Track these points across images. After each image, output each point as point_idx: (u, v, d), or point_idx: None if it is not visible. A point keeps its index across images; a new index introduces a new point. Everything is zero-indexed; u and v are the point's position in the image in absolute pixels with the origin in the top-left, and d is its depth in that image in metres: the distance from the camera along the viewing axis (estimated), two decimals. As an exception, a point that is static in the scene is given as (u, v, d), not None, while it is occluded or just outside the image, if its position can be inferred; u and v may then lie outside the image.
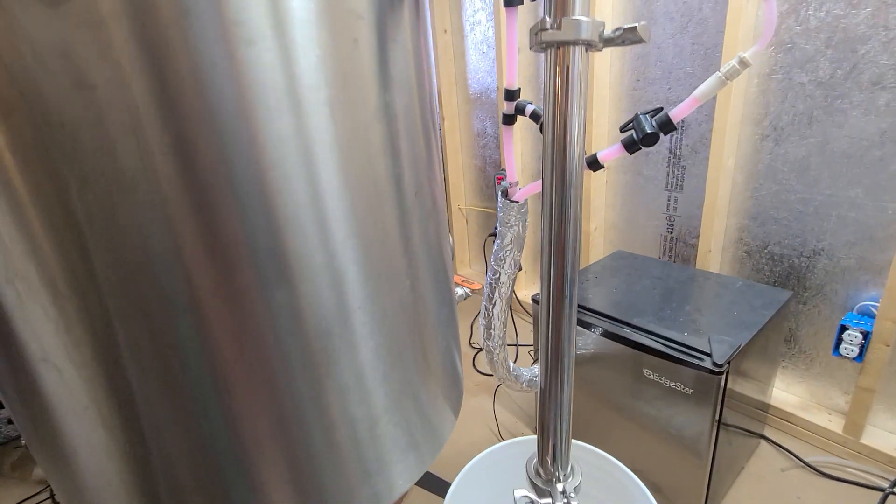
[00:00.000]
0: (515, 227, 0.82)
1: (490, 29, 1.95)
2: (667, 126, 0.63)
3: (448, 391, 0.57)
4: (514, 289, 0.94)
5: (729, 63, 0.56)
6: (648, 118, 0.64)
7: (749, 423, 1.25)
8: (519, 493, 0.54)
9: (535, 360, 1.17)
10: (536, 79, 1.82)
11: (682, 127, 1.45)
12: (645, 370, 1.08)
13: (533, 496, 0.54)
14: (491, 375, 1.79)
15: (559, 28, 0.39)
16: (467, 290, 0.93)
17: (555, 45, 0.41)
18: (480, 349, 1.95)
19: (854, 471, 1.24)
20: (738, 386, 1.07)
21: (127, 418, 0.36)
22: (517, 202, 0.79)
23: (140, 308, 0.32)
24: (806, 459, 1.28)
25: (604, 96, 1.58)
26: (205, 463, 0.38)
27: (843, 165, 1.18)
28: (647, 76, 1.48)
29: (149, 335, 0.33)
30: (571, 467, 0.57)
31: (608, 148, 0.66)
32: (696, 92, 0.60)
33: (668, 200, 1.57)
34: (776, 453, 1.33)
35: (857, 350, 1.20)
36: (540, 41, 0.40)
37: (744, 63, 0.56)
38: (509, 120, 0.73)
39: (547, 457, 0.57)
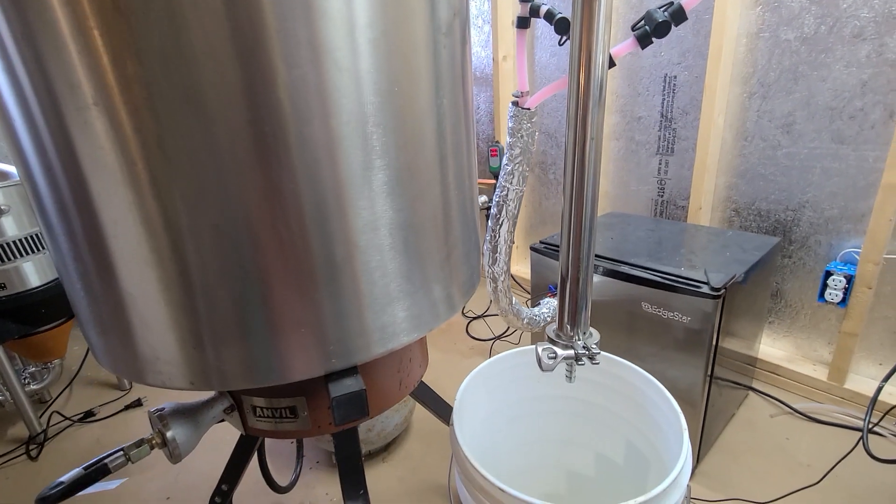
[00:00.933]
0: (525, 138, 0.84)
1: (486, 2, 2.00)
2: (678, 15, 0.65)
3: (464, 263, 0.57)
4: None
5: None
6: (660, 10, 0.67)
7: (738, 377, 1.28)
8: (542, 346, 0.55)
9: (534, 305, 1.18)
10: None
11: (674, 89, 1.51)
12: (643, 304, 1.10)
13: (556, 348, 0.54)
14: (484, 340, 1.80)
15: None
16: (484, 198, 0.94)
17: None
18: (474, 317, 1.96)
19: (839, 415, 1.28)
20: (727, 341, 1.10)
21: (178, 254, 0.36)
22: (529, 109, 0.81)
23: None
24: (794, 406, 1.32)
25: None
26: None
27: (827, 118, 1.24)
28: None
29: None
30: (590, 330, 0.58)
31: (620, 43, 0.69)
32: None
33: (660, 164, 1.61)
34: (765, 402, 1.37)
35: (841, 295, 1.25)
36: None
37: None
38: (523, 23, 0.75)
39: (566, 322, 0.58)
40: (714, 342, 1.06)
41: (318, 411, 0.56)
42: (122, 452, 0.52)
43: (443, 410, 0.93)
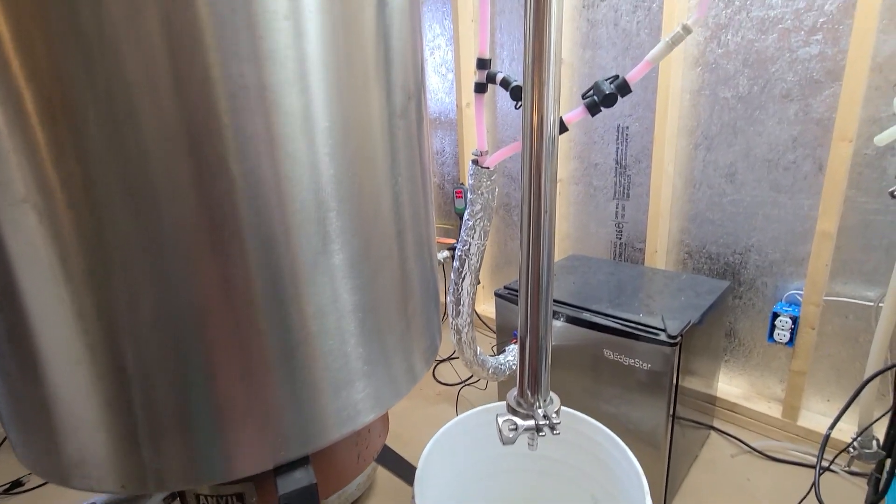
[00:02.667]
0: (486, 195, 0.86)
1: (449, 53, 2.08)
2: (623, 88, 0.70)
3: (423, 333, 0.57)
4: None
5: (674, 30, 0.65)
6: (607, 83, 0.71)
7: (699, 416, 1.31)
8: (502, 417, 0.54)
9: (499, 353, 1.18)
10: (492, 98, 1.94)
11: (627, 139, 1.59)
12: (605, 351, 1.12)
13: (516, 419, 0.54)
14: (450, 385, 1.77)
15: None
16: (445, 254, 0.94)
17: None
18: (440, 361, 1.93)
19: (794, 452, 1.32)
20: (687, 381, 1.13)
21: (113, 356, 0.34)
22: (488, 168, 0.83)
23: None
24: (752, 445, 1.35)
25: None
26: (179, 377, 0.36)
27: (765, 169, 1.33)
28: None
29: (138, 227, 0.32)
30: (550, 397, 0.58)
31: (572, 111, 0.72)
32: (648, 56, 0.68)
33: (617, 208, 1.68)
34: (726, 442, 1.40)
35: (788, 335, 1.31)
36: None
37: (686, 29, 0.64)
38: (481, 88, 0.78)
39: (527, 388, 0.58)
40: (674, 383, 1.08)
41: (268, 496, 0.52)
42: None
43: (405, 473, 0.89)
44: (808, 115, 1.24)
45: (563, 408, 0.85)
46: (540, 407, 0.56)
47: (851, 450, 0.90)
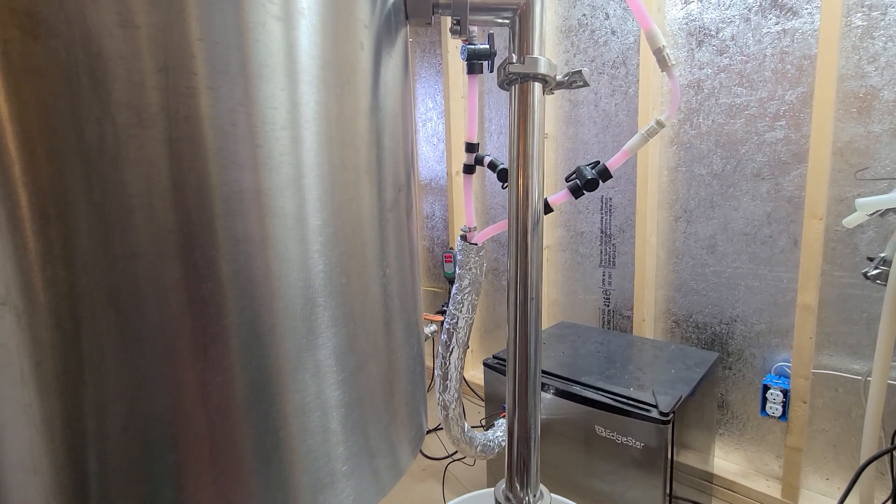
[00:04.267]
0: (474, 270, 0.87)
1: (440, 125, 2.19)
2: (604, 174, 0.74)
3: (409, 422, 0.55)
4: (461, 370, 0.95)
5: (648, 124, 0.70)
6: (588, 168, 0.75)
7: (697, 495, 1.25)
8: (490, 516, 0.51)
9: (487, 428, 1.14)
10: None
11: (611, 209, 1.65)
12: (597, 427, 1.09)
13: (505, 519, 0.51)
14: (438, 459, 1.68)
15: (523, 62, 0.48)
16: (434, 328, 0.93)
17: (518, 78, 0.50)
18: (427, 431, 1.85)
19: (798, 537, 1.25)
20: (682, 456, 1.10)
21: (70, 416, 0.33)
22: (476, 244, 0.85)
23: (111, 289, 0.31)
24: (754, 528, 1.28)
25: (546, 183, 1.77)
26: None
27: (743, 242, 1.38)
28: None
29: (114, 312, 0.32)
30: (540, 491, 0.55)
31: (556, 193, 0.76)
32: (626, 146, 0.72)
33: (604, 276, 1.71)
34: (726, 524, 1.33)
35: (780, 409, 1.29)
36: (507, 72, 0.49)
37: (660, 123, 0.69)
38: (469, 170, 0.82)
39: (516, 482, 0.55)
40: (669, 460, 1.04)
41: None
42: None
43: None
44: (780, 192, 1.30)
45: (553, 496, 0.80)
46: (530, 502, 0.54)
47: (856, 540, 0.86)
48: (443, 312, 0.88)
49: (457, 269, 0.87)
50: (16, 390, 0.32)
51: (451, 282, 2.21)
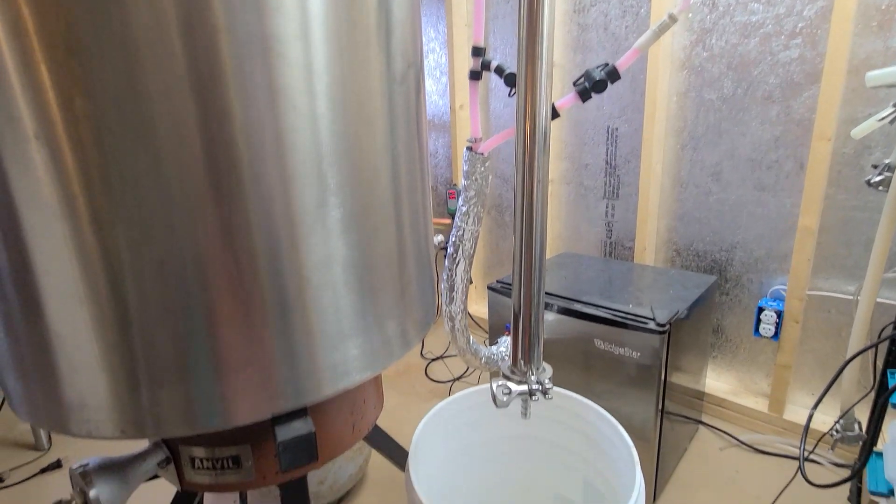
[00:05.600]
0: (479, 181, 0.88)
1: (443, 56, 2.12)
2: (613, 75, 0.73)
3: (418, 302, 0.58)
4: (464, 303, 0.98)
5: (661, 19, 0.68)
6: (597, 70, 0.74)
7: (688, 411, 1.33)
8: (496, 382, 0.55)
9: (492, 344, 1.19)
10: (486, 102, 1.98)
11: (616, 139, 1.63)
12: (596, 341, 1.14)
13: (510, 384, 0.55)
14: (443, 382, 1.77)
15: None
16: (440, 238, 0.95)
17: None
18: (433, 359, 1.93)
19: (781, 445, 1.34)
20: (675, 376, 1.15)
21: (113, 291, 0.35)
22: (482, 154, 0.85)
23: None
24: (740, 438, 1.37)
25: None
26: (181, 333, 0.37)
27: (749, 168, 1.37)
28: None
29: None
30: (543, 365, 0.59)
31: (564, 97, 0.75)
32: (637, 44, 0.71)
33: (607, 208, 1.72)
34: (714, 435, 1.41)
35: (773, 329, 1.34)
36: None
37: (672, 18, 0.67)
38: (476, 76, 0.81)
39: (520, 357, 0.59)
40: (663, 377, 1.09)
41: (264, 460, 0.53)
42: (35, 517, 0.46)
43: (399, 456, 0.89)
44: (790, 115, 1.28)
45: (555, 388, 0.86)
46: (533, 374, 0.58)
47: (834, 433, 0.92)
48: (445, 248, 0.89)
49: (463, 180, 0.88)
50: (56, 224, 0.34)
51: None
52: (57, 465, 1.39)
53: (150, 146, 0.34)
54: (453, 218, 2.23)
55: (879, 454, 0.81)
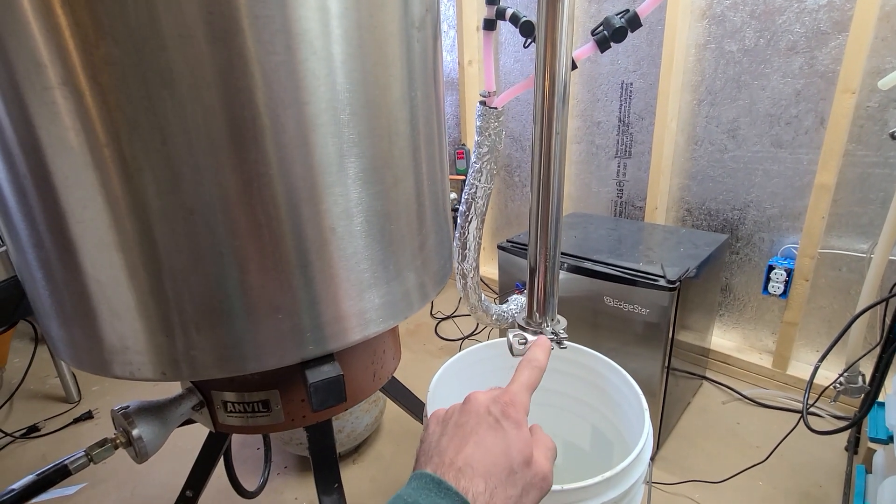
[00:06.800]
0: (493, 137, 0.87)
1: (451, 8, 2.03)
2: (634, 22, 0.70)
3: (436, 254, 0.58)
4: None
5: (686, -40, 0.64)
6: (617, 17, 0.71)
7: (693, 367, 1.36)
8: (512, 332, 0.57)
9: (502, 302, 1.21)
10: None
11: (630, 95, 1.58)
12: (605, 298, 1.15)
13: (526, 334, 0.56)
14: (453, 340, 1.81)
15: None
16: (453, 195, 0.96)
17: None
18: (443, 318, 1.97)
19: (783, 399, 1.38)
20: (682, 334, 1.17)
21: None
22: (496, 108, 0.84)
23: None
24: (743, 392, 1.41)
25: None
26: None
27: (767, 124, 1.34)
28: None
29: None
30: (558, 318, 0.61)
31: (581, 47, 0.73)
32: (659, -12, 0.68)
33: (618, 167, 1.69)
34: (717, 390, 1.45)
35: (782, 287, 1.34)
36: None
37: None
38: (490, 25, 0.78)
39: (535, 310, 0.60)
40: (671, 335, 1.11)
41: (292, 404, 0.55)
42: (83, 453, 0.50)
43: (414, 407, 0.93)
44: (813, 67, 1.23)
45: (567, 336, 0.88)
46: (548, 325, 0.59)
47: (838, 385, 0.94)
48: (455, 210, 0.89)
49: (476, 136, 0.87)
50: (87, 172, 0.35)
51: (464, 176, 2.20)
52: (88, 415, 1.47)
53: (172, 92, 0.34)
54: (464, 175, 2.21)
55: (881, 405, 0.84)
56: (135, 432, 0.51)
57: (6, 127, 0.35)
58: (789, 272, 1.33)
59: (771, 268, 1.35)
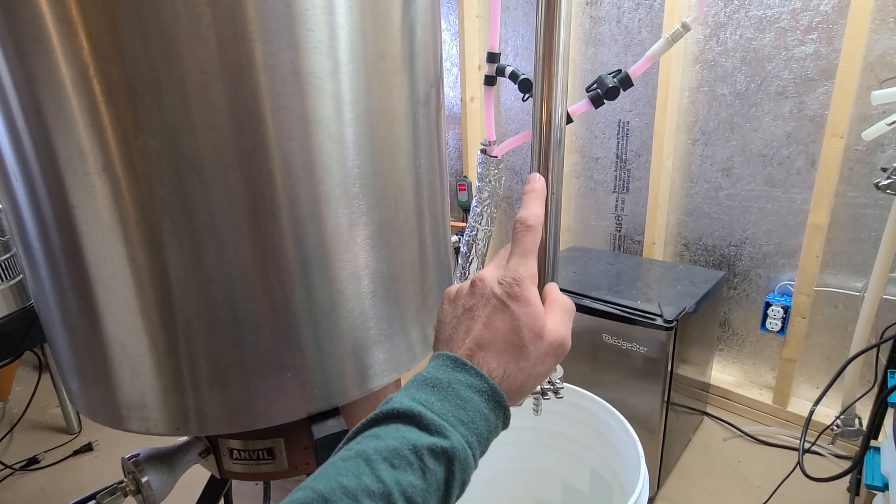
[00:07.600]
0: (493, 183, 0.90)
1: (454, 47, 2.11)
2: (626, 82, 0.74)
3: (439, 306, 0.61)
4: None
5: (673, 27, 0.69)
6: (610, 76, 0.76)
7: (693, 402, 1.36)
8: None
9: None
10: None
11: (627, 133, 1.63)
12: (604, 335, 1.17)
13: (523, 384, 0.58)
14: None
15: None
16: (455, 237, 0.99)
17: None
18: (442, 349, 1.97)
19: (783, 436, 1.37)
20: (682, 368, 1.18)
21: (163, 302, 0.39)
22: (496, 157, 0.88)
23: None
24: (744, 429, 1.41)
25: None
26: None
27: (760, 164, 1.38)
28: (596, 89, 1.67)
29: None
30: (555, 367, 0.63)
31: (576, 103, 0.77)
32: (649, 52, 0.72)
33: (617, 202, 1.73)
34: (718, 426, 1.45)
35: (779, 324, 1.36)
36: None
37: (685, 27, 0.69)
38: (490, 81, 0.83)
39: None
40: (669, 370, 1.13)
41: (295, 451, 0.57)
42: (94, 501, 0.51)
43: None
44: (803, 111, 1.28)
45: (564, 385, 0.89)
46: (545, 375, 0.61)
47: (835, 428, 0.95)
48: (457, 250, 0.92)
49: (476, 182, 0.91)
50: (118, 247, 0.38)
51: (465, 210, 2.25)
52: (88, 447, 1.47)
53: (199, 176, 0.37)
54: (464, 210, 2.25)
55: (877, 449, 0.84)
56: (144, 480, 0.52)
57: (45, 206, 0.38)
58: (786, 309, 1.35)
59: (768, 304, 1.37)
